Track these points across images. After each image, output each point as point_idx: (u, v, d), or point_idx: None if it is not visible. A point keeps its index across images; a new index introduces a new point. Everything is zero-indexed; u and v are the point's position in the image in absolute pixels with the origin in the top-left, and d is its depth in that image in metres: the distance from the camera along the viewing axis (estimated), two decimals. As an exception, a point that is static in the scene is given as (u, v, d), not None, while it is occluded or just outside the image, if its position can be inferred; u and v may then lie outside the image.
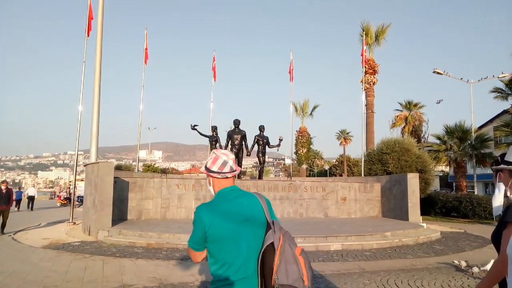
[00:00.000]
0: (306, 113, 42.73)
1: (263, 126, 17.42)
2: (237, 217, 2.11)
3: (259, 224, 2.15)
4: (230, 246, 2.08)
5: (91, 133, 14.79)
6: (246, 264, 2.08)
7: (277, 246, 2.05)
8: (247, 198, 2.22)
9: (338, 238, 10.53)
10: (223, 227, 2.07)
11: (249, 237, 2.10)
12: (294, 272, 1.99)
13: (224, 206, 2.15)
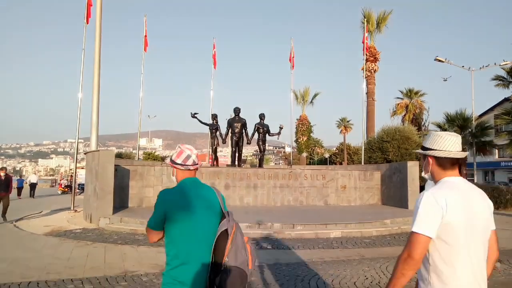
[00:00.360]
0: (307, 101, 42.63)
1: (264, 114, 17.39)
2: (195, 203, 2.37)
3: (214, 213, 2.42)
4: (186, 228, 2.33)
5: (91, 121, 14.78)
6: (199, 246, 2.33)
7: (230, 232, 2.32)
8: (205, 189, 2.51)
9: (337, 225, 10.60)
10: (181, 211, 2.33)
11: (204, 222, 2.37)
12: (242, 256, 2.30)
13: (184, 193, 2.41)
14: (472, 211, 1.96)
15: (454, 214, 1.90)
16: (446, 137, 2.10)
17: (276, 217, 11.84)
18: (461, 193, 1.98)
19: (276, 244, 8.74)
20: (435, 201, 1.91)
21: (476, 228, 1.96)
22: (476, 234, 1.95)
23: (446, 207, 1.89)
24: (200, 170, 15.44)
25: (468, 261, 1.91)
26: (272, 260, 7.22)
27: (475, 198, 2.02)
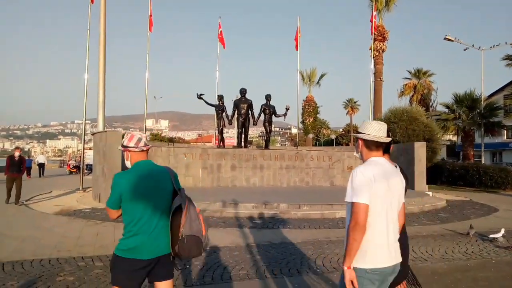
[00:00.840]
0: (313, 82, 42.26)
1: (270, 95, 17.27)
2: (148, 183, 2.70)
3: (166, 190, 2.77)
4: (140, 205, 2.67)
5: (97, 102, 14.82)
6: (150, 220, 2.68)
7: (183, 207, 2.68)
8: (158, 170, 2.83)
9: (343, 206, 10.61)
10: (134, 191, 2.65)
11: (157, 200, 2.72)
12: (196, 226, 2.69)
13: (138, 174, 2.72)
14: (390, 184, 2.44)
15: (378, 186, 2.36)
16: (374, 124, 2.58)
17: (282, 197, 11.91)
18: (382, 170, 2.45)
19: (282, 224, 8.83)
20: (365, 176, 2.36)
21: (392, 198, 2.44)
22: (392, 203, 2.44)
23: (373, 180, 2.35)
24: (206, 151, 15.52)
25: (384, 223, 2.38)
26: (278, 239, 7.30)
27: (393, 174, 2.50)
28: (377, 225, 2.36)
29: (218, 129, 18.05)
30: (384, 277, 2.40)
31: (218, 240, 7.13)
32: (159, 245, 2.70)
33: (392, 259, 2.41)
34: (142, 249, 2.65)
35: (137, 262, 2.65)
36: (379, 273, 2.35)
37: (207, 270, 5.31)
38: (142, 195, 2.68)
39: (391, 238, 2.42)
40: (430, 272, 5.33)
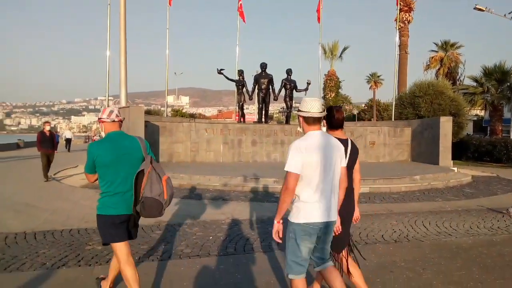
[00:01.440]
0: (335, 56, 41.33)
1: (291, 69, 17.01)
2: (119, 151, 3.12)
3: (136, 157, 3.17)
4: (112, 170, 3.09)
5: (119, 79, 14.94)
6: (123, 183, 3.11)
7: (146, 172, 3.04)
8: (129, 140, 3.24)
9: (365, 181, 10.54)
10: (106, 157, 3.08)
11: (126, 165, 3.12)
12: (157, 189, 3.01)
13: (110, 143, 3.14)
14: (325, 153, 2.77)
15: (311, 155, 2.74)
16: (308, 101, 2.90)
17: (304, 172, 11.89)
18: (317, 141, 2.79)
19: (304, 198, 8.86)
20: (298, 148, 2.74)
21: (327, 165, 2.79)
22: (327, 169, 2.79)
23: (305, 152, 2.73)
24: (227, 127, 15.57)
25: (318, 186, 2.76)
26: (300, 213, 7.34)
27: (329, 143, 2.85)
28: (310, 187, 2.77)
29: (239, 104, 18.01)
30: (317, 231, 2.82)
31: (240, 213, 7.23)
32: (131, 205, 3.12)
33: (324, 217, 2.80)
34: (118, 206, 3.13)
35: (116, 217, 3.11)
36: (312, 226, 2.78)
37: (230, 241, 5.41)
38: (113, 161, 3.10)
39: (325, 199, 2.80)
40: (454, 247, 5.27)
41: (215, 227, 6.22)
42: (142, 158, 3.20)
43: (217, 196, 8.98)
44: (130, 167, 3.13)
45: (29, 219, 6.58)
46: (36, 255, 4.70)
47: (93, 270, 4.25)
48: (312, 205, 2.79)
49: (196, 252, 4.94)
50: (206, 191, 9.57)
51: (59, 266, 4.36)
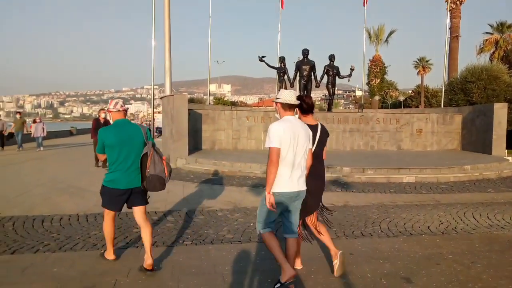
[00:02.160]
0: (381, 40, 39.84)
1: (334, 55, 16.62)
2: (122, 135, 3.82)
3: (137, 141, 3.87)
4: (116, 150, 3.80)
5: (164, 68, 15.33)
6: (124, 162, 3.82)
7: (149, 154, 3.81)
8: (131, 126, 3.95)
9: (411, 170, 10.21)
10: (112, 140, 3.79)
11: (129, 147, 3.83)
12: (159, 168, 3.81)
13: (116, 129, 3.88)
14: (296, 135, 3.36)
15: (286, 136, 3.30)
16: (285, 92, 3.53)
17: (346, 161, 11.70)
18: (291, 125, 3.38)
19: (345, 187, 8.72)
20: (277, 129, 3.32)
21: (297, 145, 3.37)
22: (298, 148, 3.37)
23: (283, 132, 3.30)
24: (268, 114, 15.57)
25: (290, 162, 3.34)
26: (341, 202, 7.25)
27: (300, 128, 3.42)
28: (284, 163, 3.34)
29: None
30: (290, 199, 3.42)
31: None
32: (132, 180, 3.88)
33: (295, 187, 3.40)
34: (119, 181, 3.84)
35: (116, 190, 3.86)
36: (286, 195, 3.38)
37: (270, 228, 5.45)
38: (117, 144, 3.80)
39: (295, 172, 3.39)
40: (507, 241, 4.99)
41: (256, 214, 6.28)
42: (143, 142, 3.90)
43: (258, 183, 9.06)
44: (131, 149, 3.85)
45: (81, 202, 6.99)
46: (87, 236, 5.00)
47: (140, 251, 4.45)
48: (284, 178, 3.35)
49: (237, 237, 5.03)
50: (247, 178, 9.67)
51: (109, 246, 4.60)
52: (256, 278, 3.76)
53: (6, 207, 6.50)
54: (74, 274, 3.78)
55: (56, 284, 3.56)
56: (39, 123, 18.07)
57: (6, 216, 5.89)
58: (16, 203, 6.80)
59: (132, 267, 3.98)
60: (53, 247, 4.56)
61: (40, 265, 4.02)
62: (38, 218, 5.77)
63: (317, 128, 3.79)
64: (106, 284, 3.57)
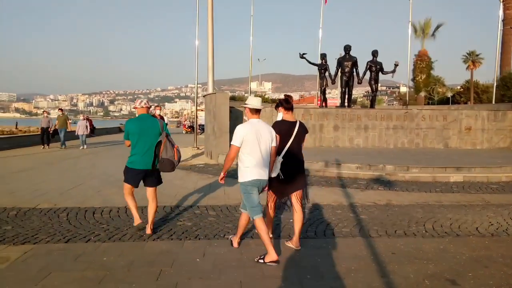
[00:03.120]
0: (427, 34, 38.24)
1: (377, 51, 16.23)
2: (142, 126, 4.81)
3: (154, 132, 4.84)
4: (136, 138, 4.80)
5: (207, 67, 15.65)
6: (142, 147, 4.80)
7: (163, 142, 4.80)
8: (151, 119, 4.92)
9: (459, 169, 9.78)
10: (135, 129, 4.80)
11: (147, 136, 4.81)
12: (170, 153, 4.78)
13: (138, 121, 4.88)
14: (259, 134, 4.09)
15: (249, 136, 4.04)
16: (253, 98, 4.28)
17: (389, 159, 11.40)
18: (254, 127, 4.10)
19: (388, 186, 8.51)
20: (242, 130, 4.06)
21: (261, 143, 4.08)
22: (261, 145, 4.08)
23: (245, 133, 4.03)
24: (308, 111, 15.49)
25: (254, 156, 4.06)
26: (383, 200, 7.09)
27: (263, 128, 4.15)
28: (249, 157, 4.09)
29: (321, 89, 17.75)
30: (257, 185, 4.17)
31: (320, 198, 7.22)
32: (147, 162, 4.86)
33: (259, 176, 4.13)
34: (137, 163, 4.85)
35: (135, 170, 4.87)
36: (253, 183, 4.14)
37: (310, 225, 5.46)
38: (138, 132, 4.81)
39: (259, 165, 4.10)
40: None
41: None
42: (159, 133, 4.87)
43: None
44: (148, 137, 4.83)
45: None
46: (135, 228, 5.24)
47: (183, 243, 4.62)
48: (251, 169, 4.11)
49: (277, 233, 5.07)
50: (288, 175, 9.68)
51: (154, 238, 4.81)
52: (295, 274, 3.79)
53: (61, 199, 6.95)
54: (122, 263, 4.00)
55: (105, 272, 3.78)
56: (83, 121, 18.14)
57: (61, 207, 6.31)
58: (70, 195, 7.26)
59: (175, 258, 4.14)
60: (103, 237, 4.84)
61: (91, 253, 4.28)
62: (89, 210, 6.14)
63: (295, 124, 4.48)
64: (151, 274, 3.74)
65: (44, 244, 4.55)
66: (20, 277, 3.64)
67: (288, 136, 4.38)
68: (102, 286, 3.48)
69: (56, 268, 3.86)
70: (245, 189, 4.16)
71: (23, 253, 4.23)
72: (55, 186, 8.14)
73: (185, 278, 3.65)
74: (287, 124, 4.43)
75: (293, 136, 4.39)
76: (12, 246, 4.48)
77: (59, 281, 3.56)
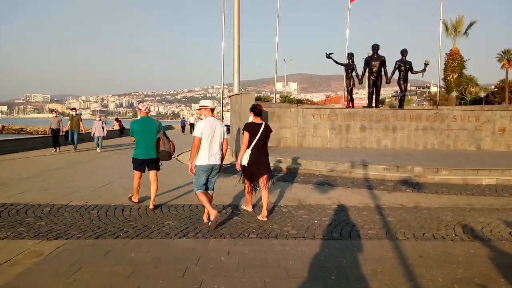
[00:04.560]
0: (459, 32, 36.96)
1: (406, 50, 15.87)
2: (144, 126, 6.22)
3: (153, 130, 6.23)
4: (139, 135, 6.20)
5: (233, 68, 15.80)
6: (144, 142, 6.21)
7: (161, 138, 6.19)
8: (150, 120, 6.33)
9: (492, 172, 9.43)
10: (137, 128, 6.21)
11: (148, 133, 6.20)
12: (167, 146, 6.20)
13: (140, 122, 6.26)
14: (213, 128, 5.27)
15: (205, 129, 5.20)
16: (206, 100, 5.65)
17: (417, 160, 11.14)
18: (210, 123, 5.27)
19: (417, 188, 8.31)
20: (201, 124, 5.24)
21: (214, 135, 5.27)
22: (214, 137, 5.28)
23: (203, 127, 5.21)
24: (334, 112, 15.34)
25: (208, 145, 5.24)
26: (411, 202, 6.94)
27: (217, 125, 5.34)
28: (205, 146, 5.25)
29: (347, 89, 17.54)
30: (207, 169, 5.31)
31: (346, 199, 7.14)
32: (148, 153, 6.25)
33: (211, 161, 5.30)
34: (140, 154, 6.25)
35: (139, 160, 6.26)
36: (204, 167, 5.29)
37: (335, 226, 5.41)
38: (140, 131, 6.21)
39: (211, 152, 5.29)
40: None
41: (321, 211, 6.26)
42: (157, 131, 6.27)
43: (323, 181, 8.98)
44: (149, 135, 6.24)
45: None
46: (162, 225, 5.36)
47: (208, 242, 4.68)
48: (204, 155, 5.28)
49: (301, 234, 5.06)
50: (312, 176, 9.63)
51: (180, 236, 4.90)
52: (320, 275, 3.77)
53: (92, 196, 7.19)
54: (149, 260, 4.10)
55: (133, 268, 3.88)
56: (99, 122, 16.46)
57: (91, 204, 6.53)
58: (101, 193, 7.49)
59: (201, 256, 4.20)
60: (131, 234, 4.97)
61: (120, 250, 4.41)
62: (119, 207, 6.32)
63: (261, 125, 5.85)
64: (177, 271, 3.82)
65: (76, 240, 4.72)
66: (53, 271, 3.80)
67: (255, 134, 5.76)
68: (130, 281, 3.58)
69: (87, 263, 3.99)
70: (198, 172, 5.30)
71: (56, 248, 4.40)
72: (87, 184, 8.41)
73: (210, 276, 3.70)
74: (255, 125, 5.84)
75: (259, 134, 5.78)
76: (46, 241, 4.67)
77: (90, 276, 3.69)
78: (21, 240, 4.68)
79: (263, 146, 5.86)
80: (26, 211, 6.04)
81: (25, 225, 5.31)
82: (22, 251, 4.31)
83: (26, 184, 8.28)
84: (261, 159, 5.83)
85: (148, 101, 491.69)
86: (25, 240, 4.69)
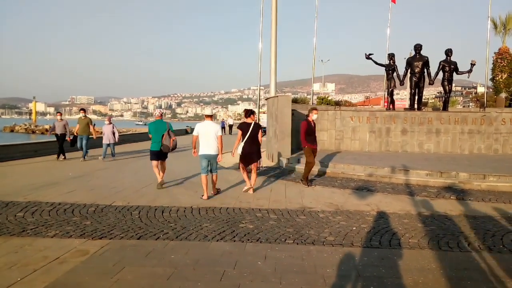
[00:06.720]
0: (509, 30, 34.98)
1: (451, 49, 15.21)
2: (157, 126, 8.54)
3: (164, 129, 8.50)
4: (153, 133, 8.49)
5: (270, 70, 15.82)
6: (157, 138, 8.45)
7: (165, 135, 8.43)
8: (162, 122, 8.62)
9: (545, 179, 8.83)
10: (152, 128, 8.56)
11: (159, 131, 8.46)
12: (167, 141, 8.44)
13: (155, 124, 8.64)
14: (207, 129, 7.57)
15: (202, 129, 7.56)
16: (206, 109, 8.94)
17: (462, 165, 10.64)
18: (205, 125, 7.61)
19: (461, 195, 7.95)
20: (198, 126, 7.65)
21: (208, 133, 7.53)
22: (209, 135, 7.52)
23: (200, 128, 7.59)
24: (374, 114, 14.98)
25: (204, 140, 7.52)
26: (456, 211, 6.64)
27: (210, 126, 7.61)
28: (202, 141, 7.47)
29: (388, 90, 17.06)
30: (206, 157, 7.51)
31: (386, 205, 6.96)
32: (159, 146, 8.34)
33: (206, 151, 7.47)
34: (153, 147, 8.42)
35: (153, 151, 8.46)
36: (202, 155, 7.51)
37: (375, 234, 5.28)
38: (154, 130, 8.44)
39: (206, 145, 7.47)
40: None
41: (359, 217, 6.13)
42: (167, 130, 8.41)
43: (362, 186, 8.80)
44: (160, 133, 8.33)
45: (194, 195, 7.65)
46: (200, 228, 5.46)
47: (245, 246, 4.72)
48: (202, 147, 7.42)
49: (339, 240, 4.99)
50: (350, 181, 9.46)
51: (218, 239, 4.98)
52: (358, 284, 3.70)
53: (134, 197, 7.45)
54: (188, 261, 4.19)
55: (173, 269, 3.99)
56: (108, 125, 14.30)
57: (133, 205, 6.77)
58: (142, 194, 7.75)
59: (238, 260, 4.24)
60: (171, 235, 5.11)
61: (160, 251, 4.54)
62: (159, 209, 6.51)
63: (251, 124, 7.92)
64: (215, 274, 3.88)
65: (119, 240, 4.92)
66: (98, 270, 3.98)
67: (246, 131, 7.86)
68: (170, 282, 3.68)
69: (129, 263, 4.15)
70: (200, 158, 7.50)
71: (100, 247, 4.61)
72: (129, 185, 8.74)
73: (247, 280, 3.73)
74: (246, 124, 7.96)
75: (249, 131, 7.85)
76: (91, 240, 4.90)
77: (132, 276, 3.83)
78: (69, 239, 4.94)
79: (253, 140, 7.90)
80: (73, 210, 6.35)
81: (71, 224, 5.60)
82: (70, 249, 4.54)
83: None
84: (252, 149, 7.89)
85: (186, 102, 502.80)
86: (72, 239, 4.95)
